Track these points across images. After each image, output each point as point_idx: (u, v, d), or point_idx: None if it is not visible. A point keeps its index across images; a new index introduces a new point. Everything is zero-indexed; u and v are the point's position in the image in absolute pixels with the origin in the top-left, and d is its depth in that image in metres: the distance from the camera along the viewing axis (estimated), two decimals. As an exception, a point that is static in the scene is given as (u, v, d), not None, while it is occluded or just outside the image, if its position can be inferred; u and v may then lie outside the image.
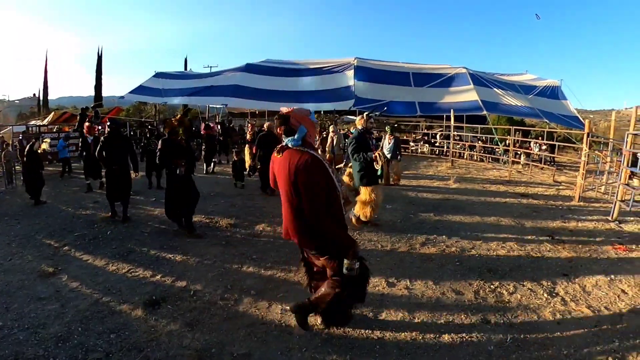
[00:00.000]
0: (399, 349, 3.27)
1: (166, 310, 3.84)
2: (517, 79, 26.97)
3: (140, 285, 4.40)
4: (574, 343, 3.40)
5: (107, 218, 6.87)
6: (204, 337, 3.38)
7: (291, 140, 3.04)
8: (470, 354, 3.22)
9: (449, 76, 23.63)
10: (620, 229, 6.94)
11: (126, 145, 7.14)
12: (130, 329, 3.51)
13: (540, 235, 6.40)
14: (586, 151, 9.94)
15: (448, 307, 3.99)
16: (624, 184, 7.90)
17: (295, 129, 3.02)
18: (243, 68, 24.96)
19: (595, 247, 5.92)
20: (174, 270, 4.80)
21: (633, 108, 9.38)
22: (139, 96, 24.53)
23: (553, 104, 24.00)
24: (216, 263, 5.03)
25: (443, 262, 5.18)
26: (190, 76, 27.45)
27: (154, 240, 5.85)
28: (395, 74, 24.17)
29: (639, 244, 6.12)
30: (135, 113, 31.38)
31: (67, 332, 3.44)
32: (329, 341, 3.35)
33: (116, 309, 3.87)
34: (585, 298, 4.24)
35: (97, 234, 6.10)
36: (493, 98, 21.44)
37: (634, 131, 8.20)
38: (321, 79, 23.96)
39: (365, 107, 20.70)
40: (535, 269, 5.01)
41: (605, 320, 3.79)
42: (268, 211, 7.52)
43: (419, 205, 8.34)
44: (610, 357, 3.20)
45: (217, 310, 3.84)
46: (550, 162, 17.25)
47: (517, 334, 3.52)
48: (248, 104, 23.76)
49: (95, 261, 5.08)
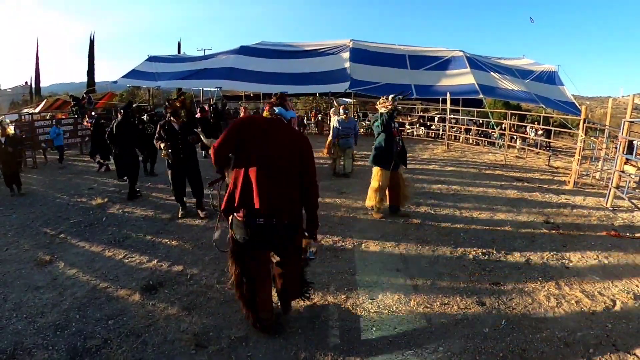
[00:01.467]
0: (395, 331, 3.30)
1: (163, 295, 3.86)
2: (514, 64, 26.81)
3: (137, 270, 4.41)
4: (568, 327, 3.44)
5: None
6: (201, 321, 3.40)
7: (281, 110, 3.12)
8: (465, 336, 3.26)
9: (446, 59, 23.45)
10: (615, 216, 6.98)
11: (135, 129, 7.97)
12: (128, 314, 3.53)
13: (535, 219, 6.44)
14: (582, 137, 9.95)
15: (443, 290, 4.02)
16: (619, 171, 7.93)
17: (288, 109, 3.16)
18: (237, 50, 24.57)
19: (590, 232, 5.96)
20: (170, 254, 4.81)
21: (630, 96, 9.39)
22: (133, 80, 24.16)
23: (550, 89, 23.93)
24: (212, 246, 5.02)
25: (438, 244, 5.21)
26: (183, 59, 27.01)
27: (150, 226, 5.85)
28: (391, 56, 23.93)
29: (632, 230, 6.16)
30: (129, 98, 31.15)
31: (65, 320, 3.45)
32: (326, 323, 3.38)
33: (113, 295, 3.88)
34: (579, 282, 4.27)
35: (92, 220, 6.09)
36: (490, 82, 21.33)
37: (630, 118, 8.22)
38: (316, 61, 23.67)
39: (361, 90, 20.61)
40: (530, 252, 5.04)
41: (599, 305, 3.83)
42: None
43: (414, 188, 8.35)
44: (603, 342, 3.24)
45: (214, 294, 3.86)
46: (546, 147, 17.25)
47: (511, 317, 3.56)
48: (242, 87, 23.51)
49: (91, 248, 5.08)
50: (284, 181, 2.91)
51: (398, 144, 6.33)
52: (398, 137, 6.39)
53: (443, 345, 3.15)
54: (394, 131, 6.27)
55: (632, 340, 3.27)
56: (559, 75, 25.62)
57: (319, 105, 29.33)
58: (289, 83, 21.34)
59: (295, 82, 21.78)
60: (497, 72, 22.82)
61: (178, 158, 6.13)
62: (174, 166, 6.20)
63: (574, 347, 3.16)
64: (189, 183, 6.40)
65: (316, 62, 23.46)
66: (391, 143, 6.17)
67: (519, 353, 3.06)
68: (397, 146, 6.28)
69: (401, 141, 6.48)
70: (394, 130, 6.31)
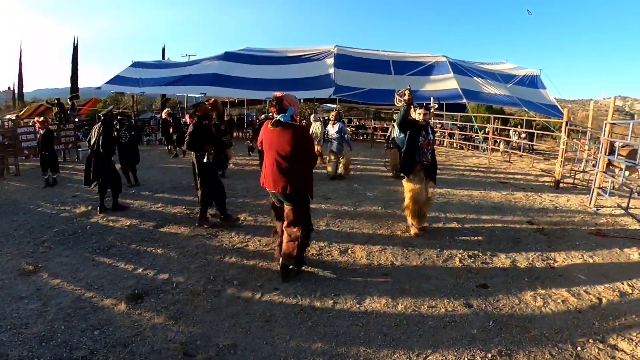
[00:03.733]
0: (383, 335, 3.30)
1: (149, 304, 3.81)
2: (497, 68, 27.18)
3: (122, 279, 4.34)
4: (555, 325, 3.48)
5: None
6: (188, 330, 3.37)
7: (282, 116, 4.02)
8: (453, 338, 3.27)
9: (429, 64, 23.68)
10: (598, 215, 7.09)
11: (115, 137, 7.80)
12: (114, 324, 3.47)
13: (519, 221, 6.51)
14: (564, 139, 10.10)
15: (430, 292, 4.04)
16: (601, 172, 8.07)
17: (287, 108, 4.04)
18: (222, 56, 24.51)
19: (574, 232, 6.05)
20: (155, 263, 4.75)
21: (611, 98, 9.60)
22: (116, 86, 23.88)
23: (532, 92, 24.30)
24: (198, 254, 5.00)
25: (424, 248, 5.23)
26: (168, 65, 26.83)
27: (135, 234, 5.78)
28: (375, 62, 24.09)
29: (616, 230, 6.26)
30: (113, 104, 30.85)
31: (51, 330, 3.38)
32: (314, 329, 3.37)
33: (99, 305, 3.81)
34: (565, 282, 4.34)
35: (76, 229, 6.00)
36: (473, 86, 21.58)
37: (612, 120, 8.39)
38: (301, 67, 23.69)
39: (345, 95, 20.68)
40: (515, 254, 5.10)
41: (585, 303, 3.89)
42: (248, 201, 7.50)
43: (399, 193, 8.39)
44: (591, 339, 3.28)
45: (201, 302, 3.82)
46: (529, 150, 17.51)
47: (499, 318, 3.60)
48: (227, 93, 23.31)
49: (75, 257, 4.99)
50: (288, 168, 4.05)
51: (426, 156, 5.65)
52: (427, 149, 5.65)
53: (431, 347, 3.15)
54: (423, 142, 5.58)
55: (619, 337, 3.33)
56: (541, 79, 26.05)
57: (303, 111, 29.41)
58: (273, 89, 21.30)
59: (279, 88, 21.74)
60: (480, 76, 23.11)
61: (214, 162, 6.01)
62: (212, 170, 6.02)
63: (562, 345, 3.20)
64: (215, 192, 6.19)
65: (301, 68, 23.50)
66: (412, 150, 5.56)
67: (507, 353, 3.08)
68: (425, 158, 5.63)
69: (431, 154, 5.76)
70: (424, 141, 5.60)
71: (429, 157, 5.67)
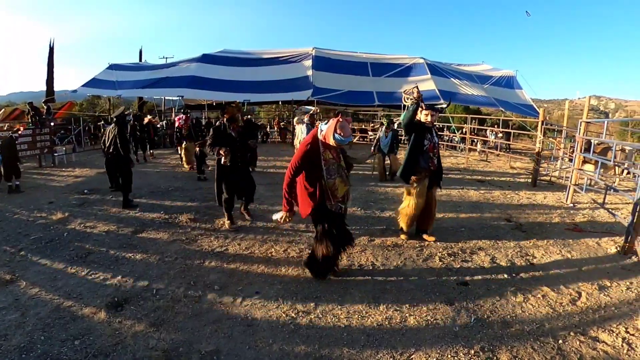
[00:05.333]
0: (366, 336, 3.32)
1: (129, 312, 3.74)
2: (474, 69, 27.56)
3: (101, 287, 4.26)
4: (536, 320, 3.56)
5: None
6: (170, 337, 3.32)
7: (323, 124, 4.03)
8: (436, 336, 3.31)
9: (407, 66, 23.88)
10: (575, 212, 7.25)
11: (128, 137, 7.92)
12: (95, 333, 3.40)
13: (498, 219, 6.61)
14: (541, 138, 10.30)
15: (412, 292, 4.08)
16: (577, 169, 8.25)
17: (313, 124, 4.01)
18: (199, 58, 24.29)
19: (552, 229, 6.17)
20: (134, 269, 4.68)
21: (586, 98, 9.84)
22: (93, 89, 23.42)
23: (508, 93, 24.72)
24: (177, 260, 4.94)
25: (404, 248, 5.28)
26: (145, 67, 26.43)
27: (113, 240, 5.69)
28: (353, 63, 24.21)
29: (593, 225, 6.41)
30: (89, 107, 30.29)
31: (30, 342, 3.29)
32: (297, 332, 3.36)
33: (78, 314, 3.73)
34: (545, 277, 4.44)
35: (53, 236, 5.87)
36: (450, 88, 21.82)
37: (587, 119, 8.58)
38: (279, 68, 23.64)
39: (324, 97, 20.72)
40: (495, 251, 5.19)
41: (565, 297, 3.98)
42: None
43: (378, 194, 8.46)
44: (572, 332, 3.37)
45: (182, 308, 3.78)
46: (506, 149, 17.78)
47: (480, 314, 3.65)
48: (205, 95, 23.23)
49: (53, 265, 4.88)
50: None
51: (432, 161, 5.35)
52: (433, 153, 5.36)
53: (414, 346, 3.18)
54: (429, 146, 5.29)
55: (600, 329, 3.42)
56: (517, 79, 26.56)
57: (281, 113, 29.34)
58: (251, 91, 21.27)
59: (258, 90, 21.72)
60: (457, 78, 23.42)
61: (235, 164, 6.03)
62: (229, 173, 6.06)
63: (543, 339, 3.26)
64: (243, 187, 6.33)
65: (279, 70, 23.46)
66: (417, 154, 5.28)
67: (490, 349, 3.13)
68: (432, 164, 5.35)
69: (437, 158, 5.45)
70: (430, 145, 5.30)
71: (436, 163, 5.39)
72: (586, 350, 3.12)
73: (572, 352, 3.10)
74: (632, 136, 21.92)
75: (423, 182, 5.34)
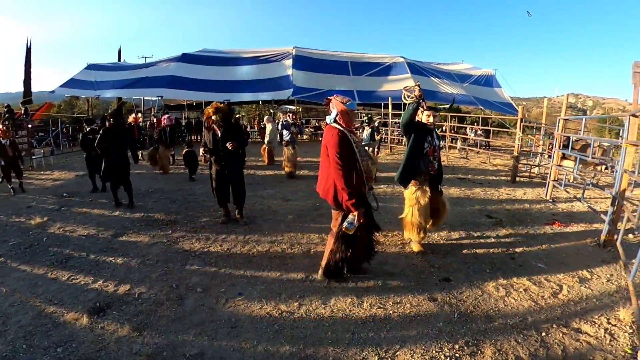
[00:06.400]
0: (350, 334, 3.33)
1: (112, 317, 3.70)
2: (454, 68, 27.91)
3: (82, 292, 4.19)
4: (519, 314, 3.63)
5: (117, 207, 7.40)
6: (153, 341, 3.29)
7: (328, 118, 3.98)
8: (420, 333, 3.35)
9: (387, 65, 24.07)
10: (555, 207, 7.38)
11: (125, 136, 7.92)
12: (77, 340, 3.34)
13: (479, 215, 6.70)
14: (520, 135, 10.44)
15: (394, 289, 4.11)
16: (556, 165, 8.40)
17: (331, 111, 3.94)
18: (179, 58, 24.15)
19: (532, 224, 6.28)
20: (115, 273, 4.61)
21: (564, 95, 10.03)
22: (71, 90, 23.10)
23: (488, 91, 25.11)
24: (159, 262, 4.88)
25: (386, 246, 5.32)
26: (124, 67, 26.17)
27: (93, 244, 5.60)
28: (333, 63, 24.32)
29: (573, 219, 6.54)
30: (67, 108, 29.76)
31: (12, 351, 3.21)
32: (281, 332, 3.36)
33: (60, 321, 3.67)
34: (526, 271, 4.52)
35: (32, 241, 5.76)
36: (430, 86, 22.06)
37: (565, 116, 8.75)
38: (259, 68, 23.68)
39: (304, 96, 20.76)
40: (476, 247, 5.26)
41: (547, 290, 4.07)
42: (209, 205, 7.37)
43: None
44: (554, 324, 3.45)
45: (165, 312, 3.74)
46: (485, 146, 18.00)
47: (463, 309, 3.70)
48: (184, 95, 23.18)
49: (33, 271, 4.78)
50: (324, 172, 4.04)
51: (433, 165, 5.00)
52: (434, 156, 4.99)
53: (399, 343, 3.21)
54: (429, 149, 4.93)
55: (582, 320, 3.51)
56: (496, 78, 26.99)
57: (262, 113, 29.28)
58: (232, 91, 21.21)
59: (238, 89, 21.66)
60: (437, 76, 23.71)
61: (220, 165, 6.17)
62: (217, 173, 6.24)
63: (527, 332, 3.33)
64: (232, 190, 6.40)
65: (259, 69, 23.45)
66: (416, 157, 4.94)
67: (474, 344, 3.18)
68: (432, 168, 4.99)
69: (437, 162, 5.11)
70: (430, 148, 4.94)
71: (436, 166, 5.04)
72: (569, 342, 3.19)
73: (555, 344, 3.17)
74: (609, 133, 22.42)
75: (423, 186, 4.96)
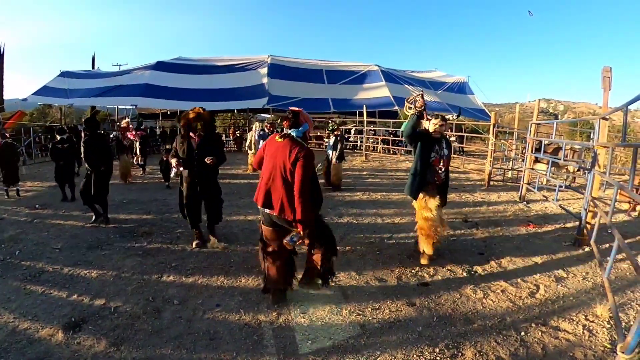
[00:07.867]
0: (330, 342, 3.33)
1: (88, 332, 3.61)
2: (427, 76, 28.39)
3: (57, 307, 4.09)
4: (497, 315, 3.70)
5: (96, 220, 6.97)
6: (131, 355, 3.23)
7: (295, 131, 3.71)
8: (400, 337, 3.38)
9: (362, 73, 24.33)
10: (529, 209, 7.56)
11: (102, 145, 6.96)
12: (53, 356, 3.25)
13: (454, 219, 6.81)
14: (493, 140, 10.64)
15: (373, 295, 4.13)
16: (529, 168, 8.60)
17: (301, 124, 3.73)
18: (154, 66, 23.88)
19: (507, 226, 6.42)
20: (90, 287, 4.51)
21: (535, 101, 10.30)
22: (44, 98, 22.60)
23: (461, 98, 25.63)
24: (135, 275, 4.78)
25: (363, 252, 5.35)
26: (98, 75, 25.74)
27: (67, 257, 5.47)
28: (308, 71, 24.46)
29: (547, 220, 6.70)
30: (40, 117, 29.10)
31: (-13, 370, 3.14)
32: (260, 343, 3.34)
33: (35, 337, 3.56)
34: (503, 273, 4.63)
35: (4, 255, 5.59)
36: (404, 94, 22.27)
37: (537, 121, 8.98)
38: (234, 76, 23.62)
39: (279, 105, 20.78)
40: (452, 251, 5.35)
41: (524, 291, 4.17)
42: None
43: (336, 200, 8.52)
44: (533, 324, 3.53)
45: (142, 325, 3.68)
46: (459, 151, 18.29)
47: (442, 313, 3.75)
48: (159, 104, 22.88)
49: (6, 286, 4.63)
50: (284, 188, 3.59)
51: (439, 175, 4.86)
52: (440, 167, 4.84)
53: (380, 349, 3.22)
54: (435, 159, 4.80)
55: (560, 318, 3.60)
56: (469, 85, 27.58)
57: (237, 121, 29.13)
58: (206, 99, 21.07)
59: (213, 98, 21.52)
60: (411, 84, 24.06)
61: (192, 179, 5.51)
62: (187, 189, 5.55)
63: (506, 332, 3.39)
64: (205, 207, 5.75)
65: (234, 77, 23.36)
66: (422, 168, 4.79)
67: (454, 346, 3.22)
68: (438, 178, 4.85)
69: (445, 172, 4.93)
70: (437, 157, 4.81)
71: (442, 177, 4.89)
72: (549, 340, 3.27)
73: (535, 343, 3.24)
74: (580, 135, 23.06)
75: (432, 196, 4.81)
